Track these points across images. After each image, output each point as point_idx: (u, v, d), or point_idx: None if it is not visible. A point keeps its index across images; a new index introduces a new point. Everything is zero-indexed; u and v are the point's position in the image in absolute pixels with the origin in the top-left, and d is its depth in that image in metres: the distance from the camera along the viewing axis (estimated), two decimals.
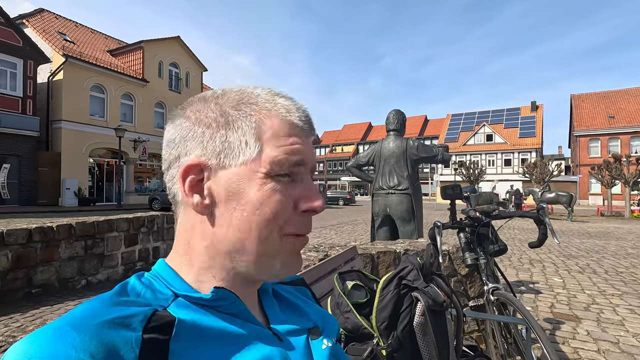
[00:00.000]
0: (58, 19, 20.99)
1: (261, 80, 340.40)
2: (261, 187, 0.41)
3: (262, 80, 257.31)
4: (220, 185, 0.41)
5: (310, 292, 0.61)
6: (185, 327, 0.37)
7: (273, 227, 0.41)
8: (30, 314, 3.31)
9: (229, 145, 0.41)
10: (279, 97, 0.45)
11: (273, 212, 0.41)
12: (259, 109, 0.43)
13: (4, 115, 15.23)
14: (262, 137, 0.41)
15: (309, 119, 0.45)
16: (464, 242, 1.87)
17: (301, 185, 0.43)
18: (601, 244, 8.26)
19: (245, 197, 0.41)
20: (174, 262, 0.44)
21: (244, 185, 0.41)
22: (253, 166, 0.41)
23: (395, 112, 3.65)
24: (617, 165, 17.94)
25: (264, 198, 0.40)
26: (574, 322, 3.27)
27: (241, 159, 0.41)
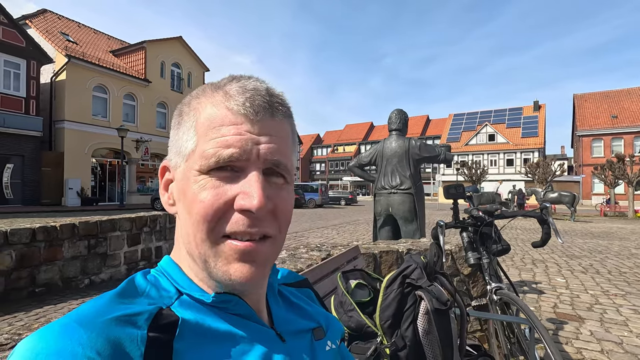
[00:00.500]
0: (61, 20, 21.08)
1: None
2: (194, 184, 0.39)
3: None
4: (176, 184, 0.43)
5: (314, 293, 0.61)
6: (189, 326, 0.37)
7: (204, 228, 0.38)
8: (34, 313, 3.33)
9: (178, 143, 0.42)
10: (232, 82, 0.41)
11: (200, 212, 0.38)
12: (202, 100, 0.41)
13: (7, 116, 15.30)
14: (199, 131, 0.40)
15: (257, 101, 0.39)
16: (466, 241, 1.86)
17: (243, 180, 0.39)
18: (604, 244, 8.22)
19: (185, 196, 0.40)
20: (176, 257, 0.45)
21: (185, 183, 0.40)
22: (190, 162, 0.40)
23: (398, 112, 3.64)
24: (621, 165, 17.85)
25: (194, 196, 0.38)
26: (577, 322, 3.26)
27: (184, 156, 0.41)
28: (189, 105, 0.43)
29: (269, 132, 0.40)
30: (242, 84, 0.41)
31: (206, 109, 0.40)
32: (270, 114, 0.40)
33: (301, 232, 9.89)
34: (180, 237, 0.43)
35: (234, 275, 0.39)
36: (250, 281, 0.39)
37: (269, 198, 0.39)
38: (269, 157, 0.39)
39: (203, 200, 0.38)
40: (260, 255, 0.40)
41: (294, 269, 1.69)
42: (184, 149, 0.41)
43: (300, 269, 1.70)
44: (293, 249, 2.28)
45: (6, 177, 15.69)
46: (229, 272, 0.39)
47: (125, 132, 16.62)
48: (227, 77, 0.43)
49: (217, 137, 0.38)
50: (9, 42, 15.47)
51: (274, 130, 0.41)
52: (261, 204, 0.37)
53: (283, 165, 0.41)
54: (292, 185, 0.44)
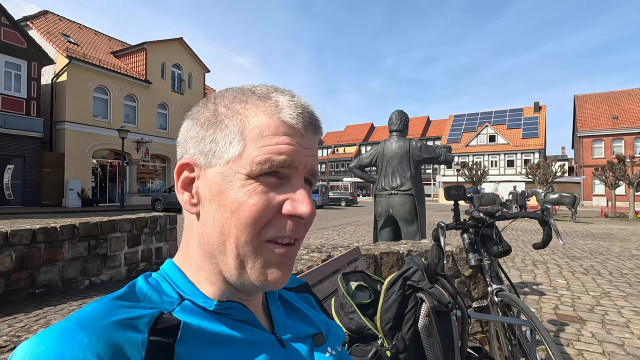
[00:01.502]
0: (62, 21, 21.12)
1: (263, 81, 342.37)
2: (240, 188, 0.39)
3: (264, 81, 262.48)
4: (206, 184, 0.41)
5: (314, 298, 0.61)
6: (190, 330, 0.37)
7: (250, 231, 0.39)
8: (33, 314, 3.32)
9: (216, 144, 0.41)
10: (277, 93, 0.43)
11: (250, 215, 0.39)
12: (249, 106, 0.42)
13: (8, 117, 15.32)
14: (247, 136, 0.40)
15: (306, 117, 0.42)
16: (467, 243, 1.86)
17: (290, 188, 0.41)
18: (605, 246, 8.21)
19: (226, 198, 0.40)
20: (179, 261, 0.45)
21: (226, 186, 0.40)
22: (235, 166, 0.40)
23: (398, 113, 3.64)
24: (621, 166, 17.84)
25: (242, 200, 0.39)
26: (579, 324, 3.25)
27: (225, 158, 0.40)
28: (229, 108, 0.42)
29: (311, 146, 0.43)
30: (290, 98, 0.43)
31: (257, 116, 0.41)
32: (313, 131, 0.44)
33: None
34: (198, 237, 0.42)
35: (269, 278, 0.41)
36: (283, 284, 0.42)
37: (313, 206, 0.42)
38: (311, 168, 0.43)
39: (255, 204, 0.39)
40: (291, 257, 0.43)
41: (294, 270, 1.68)
42: (224, 151, 0.40)
43: (301, 270, 1.69)
44: None
45: (7, 178, 15.70)
46: (265, 275, 0.40)
47: (125, 133, 16.64)
48: (265, 87, 0.44)
49: (270, 145, 0.39)
50: (10, 43, 15.50)
51: (314, 145, 0.44)
52: (311, 211, 0.40)
53: (317, 176, 0.45)
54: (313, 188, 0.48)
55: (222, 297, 0.42)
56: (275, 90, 0.43)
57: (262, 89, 0.43)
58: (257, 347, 0.41)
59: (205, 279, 0.42)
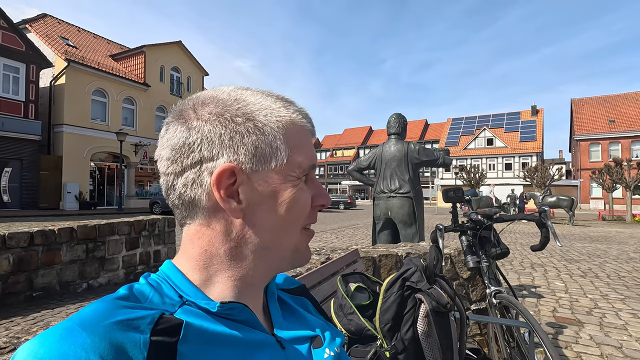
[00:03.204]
0: (61, 24, 21.13)
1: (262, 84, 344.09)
2: (293, 189, 0.44)
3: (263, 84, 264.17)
4: (254, 188, 0.42)
5: (310, 301, 0.60)
6: (192, 330, 0.37)
7: (302, 222, 0.46)
8: (31, 318, 3.30)
9: (261, 150, 0.42)
10: (291, 104, 0.48)
11: (302, 210, 0.46)
12: (283, 115, 0.45)
13: (6, 119, 15.28)
14: (290, 143, 0.44)
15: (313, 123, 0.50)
16: (466, 245, 1.86)
17: (312, 185, 0.48)
18: (603, 248, 8.23)
19: (279, 199, 0.44)
20: (182, 265, 0.44)
21: (278, 188, 0.44)
22: (285, 170, 0.44)
23: (397, 116, 3.66)
24: (618, 170, 17.92)
25: (296, 199, 0.45)
26: (577, 327, 3.26)
27: (273, 163, 0.43)
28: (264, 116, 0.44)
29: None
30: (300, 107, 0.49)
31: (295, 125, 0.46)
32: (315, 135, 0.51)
33: None
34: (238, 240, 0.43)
35: (307, 255, 0.49)
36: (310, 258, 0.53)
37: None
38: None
39: (305, 200, 0.46)
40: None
41: (293, 272, 1.68)
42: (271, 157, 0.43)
43: (300, 272, 1.70)
44: None
45: (4, 181, 15.63)
46: (306, 254, 0.49)
47: (124, 136, 16.60)
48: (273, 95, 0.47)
49: (308, 150, 0.47)
50: (8, 46, 15.49)
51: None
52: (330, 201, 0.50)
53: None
54: None
55: (228, 298, 0.42)
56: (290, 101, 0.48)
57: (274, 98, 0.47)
58: (257, 348, 0.41)
59: (217, 281, 0.43)
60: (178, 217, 0.45)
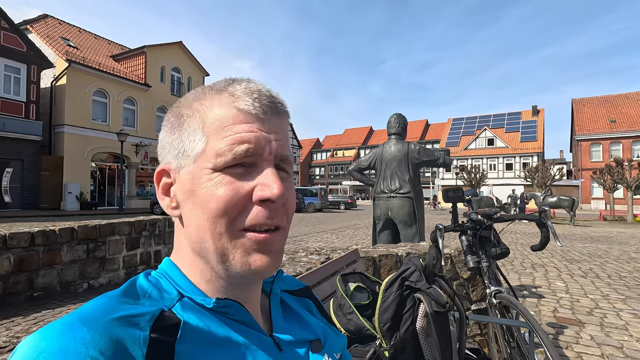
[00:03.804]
0: (62, 25, 21.18)
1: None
2: (207, 182, 0.40)
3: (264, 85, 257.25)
4: (181, 186, 0.43)
5: (314, 304, 0.60)
6: (190, 329, 0.38)
7: (223, 222, 0.39)
8: (32, 318, 3.31)
9: (182, 145, 0.42)
10: (234, 84, 0.43)
11: (219, 206, 0.39)
12: (206, 102, 0.42)
13: (7, 120, 15.32)
14: (207, 131, 0.41)
15: (264, 101, 0.42)
16: (466, 245, 1.86)
17: (258, 175, 0.41)
18: (604, 249, 8.21)
19: (197, 195, 0.40)
20: (176, 260, 0.45)
21: (196, 182, 0.41)
22: (201, 162, 0.41)
23: (397, 116, 3.66)
24: (619, 170, 17.89)
25: (210, 193, 0.39)
26: (577, 327, 3.25)
27: (192, 156, 0.41)
28: (189, 108, 0.43)
29: (276, 129, 0.43)
30: (245, 85, 0.43)
31: (213, 110, 0.41)
32: (275, 113, 0.43)
33: (300, 237, 9.87)
34: (185, 238, 0.43)
35: (253, 265, 0.40)
36: (268, 270, 0.41)
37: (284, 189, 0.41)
38: (279, 152, 0.42)
39: (221, 196, 0.39)
40: (275, 245, 0.42)
41: (293, 272, 1.69)
42: (190, 150, 0.41)
43: (300, 272, 1.70)
44: (292, 253, 2.28)
45: (5, 181, 15.66)
46: (248, 262, 0.40)
47: (125, 136, 16.63)
48: (223, 81, 0.44)
49: (231, 134, 0.40)
50: (10, 47, 15.53)
51: (279, 128, 0.43)
52: (281, 192, 0.39)
53: (288, 160, 0.44)
54: (292, 177, 0.47)
55: (219, 294, 0.43)
56: (233, 81, 0.44)
57: (220, 83, 0.44)
58: (254, 348, 0.41)
59: (200, 277, 0.43)
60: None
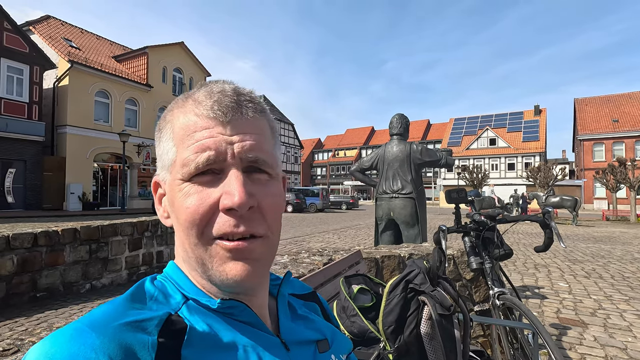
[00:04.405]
0: (64, 26, 21.25)
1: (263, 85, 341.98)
2: (179, 192, 0.40)
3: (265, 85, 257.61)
4: (168, 196, 0.43)
5: (320, 307, 0.60)
6: (196, 333, 0.38)
7: (193, 233, 0.39)
8: (35, 318, 3.32)
9: (162, 157, 0.43)
10: (200, 89, 0.43)
11: (187, 218, 0.39)
12: (175, 111, 0.42)
13: (10, 121, 15.38)
14: (176, 140, 0.41)
15: (225, 102, 0.40)
16: (469, 246, 1.86)
17: (225, 181, 0.39)
18: (607, 249, 8.18)
19: (174, 206, 0.41)
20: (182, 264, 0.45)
21: (172, 194, 0.41)
22: (174, 173, 0.41)
23: (399, 117, 3.65)
24: (622, 170, 17.81)
25: (180, 204, 0.39)
26: (581, 328, 3.24)
27: (168, 167, 0.42)
28: (164, 119, 0.44)
29: (242, 130, 0.40)
30: (209, 88, 0.42)
31: (179, 119, 0.41)
32: (239, 113, 0.41)
33: (302, 237, 9.87)
34: (178, 246, 0.44)
35: (229, 274, 0.39)
36: (247, 279, 0.39)
37: (251, 194, 0.39)
38: (245, 155, 0.40)
39: (189, 207, 0.38)
40: (253, 253, 0.40)
41: (296, 273, 1.68)
42: (166, 161, 0.42)
43: (302, 273, 1.69)
44: (295, 254, 2.27)
45: (8, 182, 15.72)
46: (225, 272, 0.39)
47: (127, 137, 16.66)
48: (196, 87, 0.45)
49: (192, 143, 0.39)
50: (12, 48, 15.59)
51: (247, 128, 0.41)
52: (242, 200, 0.37)
53: (262, 161, 0.41)
54: (278, 180, 0.44)
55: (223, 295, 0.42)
56: (202, 85, 0.43)
57: (191, 91, 0.44)
58: (261, 349, 0.41)
59: (197, 282, 0.43)
60: None
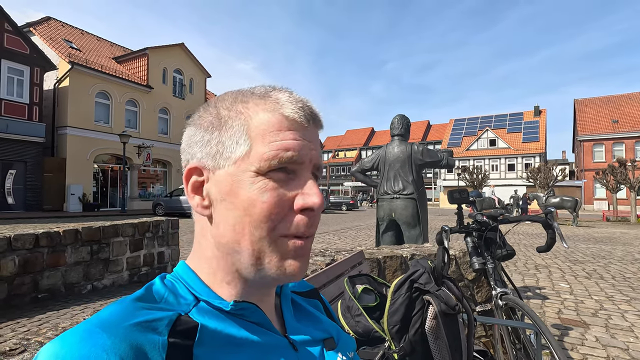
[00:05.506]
0: (64, 27, 21.28)
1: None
2: (251, 185, 0.40)
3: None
4: (216, 185, 0.42)
5: (322, 304, 0.61)
6: (207, 332, 0.38)
7: (265, 227, 0.39)
8: (36, 319, 3.32)
9: (222, 146, 0.42)
10: (276, 91, 0.44)
11: (263, 212, 0.39)
12: (250, 105, 0.43)
13: (10, 122, 15.39)
14: (252, 134, 0.41)
15: (307, 112, 0.43)
16: (471, 246, 1.86)
17: (299, 183, 0.41)
18: (607, 249, 8.18)
19: (237, 197, 0.40)
20: (192, 263, 0.45)
21: (236, 185, 0.40)
22: (243, 165, 0.40)
23: (400, 117, 3.66)
24: (622, 170, 17.82)
25: (253, 197, 0.39)
26: (582, 328, 3.24)
27: (233, 158, 0.41)
28: (231, 110, 0.43)
29: (314, 139, 0.44)
30: (289, 94, 0.44)
31: (259, 115, 0.42)
32: (314, 124, 0.44)
33: None
34: (212, 237, 0.43)
35: (288, 270, 0.41)
36: (299, 275, 0.42)
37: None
38: (316, 161, 0.43)
39: (266, 201, 0.39)
40: (308, 249, 0.43)
41: None
42: (230, 151, 0.41)
43: (305, 274, 1.70)
44: None
45: (9, 183, 15.73)
46: (284, 267, 0.41)
47: (127, 138, 16.67)
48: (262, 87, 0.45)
49: (277, 140, 0.40)
50: (13, 49, 15.61)
51: (316, 138, 0.45)
52: (322, 202, 0.41)
53: (321, 169, 0.45)
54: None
55: (238, 297, 0.43)
56: (274, 88, 0.44)
57: (261, 89, 0.44)
58: (270, 350, 0.41)
59: (221, 280, 0.43)
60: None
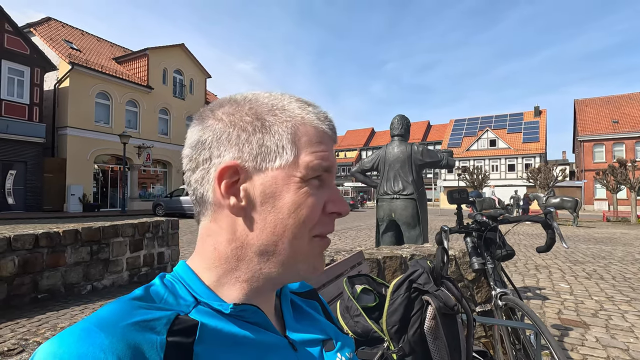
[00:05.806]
0: (65, 28, 21.31)
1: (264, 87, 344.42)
2: (297, 190, 0.42)
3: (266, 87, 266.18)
4: (256, 187, 0.42)
5: (320, 305, 0.61)
6: (207, 331, 0.38)
7: (305, 229, 0.43)
8: (36, 319, 3.32)
9: (266, 149, 0.42)
10: (310, 106, 0.47)
11: (307, 215, 0.42)
12: (294, 115, 0.44)
13: (11, 122, 15.41)
14: (298, 143, 0.43)
15: (334, 127, 0.48)
16: (471, 246, 1.86)
17: (329, 190, 0.46)
18: (608, 250, 8.17)
19: (281, 200, 0.42)
20: (195, 264, 0.45)
21: (280, 189, 0.42)
22: (289, 170, 0.42)
23: (400, 117, 3.66)
24: (623, 171, 17.81)
25: (300, 201, 0.42)
26: (582, 329, 3.23)
27: (277, 162, 0.42)
28: (274, 114, 0.44)
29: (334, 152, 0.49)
30: (318, 109, 0.48)
31: (306, 125, 0.45)
32: (335, 140, 0.49)
33: None
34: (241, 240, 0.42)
35: (317, 267, 0.46)
36: (322, 270, 0.47)
37: None
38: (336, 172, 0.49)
39: (310, 206, 0.43)
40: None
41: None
42: (275, 155, 0.42)
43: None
44: None
45: (9, 183, 15.74)
46: (315, 264, 0.45)
47: (127, 138, 16.69)
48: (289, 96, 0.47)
49: (319, 151, 0.44)
50: (13, 49, 15.64)
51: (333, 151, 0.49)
52: (349, 209, 0.47)
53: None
54: None
55: (240, 300, 0.43)
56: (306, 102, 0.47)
57: (294, 100, 0.46)
58: (270, 349, 0.42)
59: (226, 282, 0.43)
60: (195, 214, 0.47)
